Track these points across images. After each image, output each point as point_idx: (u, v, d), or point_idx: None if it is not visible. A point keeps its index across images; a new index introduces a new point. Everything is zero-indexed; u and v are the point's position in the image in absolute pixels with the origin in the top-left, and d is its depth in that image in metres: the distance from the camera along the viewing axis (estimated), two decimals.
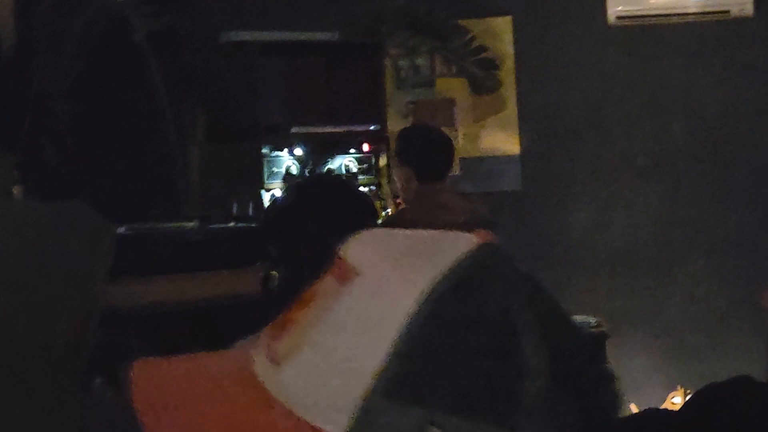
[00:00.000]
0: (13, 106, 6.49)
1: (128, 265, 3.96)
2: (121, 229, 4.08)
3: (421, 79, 6.70)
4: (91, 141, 6.38)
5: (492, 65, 6.33)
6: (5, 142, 6.46)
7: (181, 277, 4.03)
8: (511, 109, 6.59)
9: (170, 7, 5.78)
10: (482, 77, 6.30)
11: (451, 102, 6.66)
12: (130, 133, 6.28)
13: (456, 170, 6.59)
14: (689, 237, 6.38)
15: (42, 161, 6.47)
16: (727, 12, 6.18)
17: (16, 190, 6.43)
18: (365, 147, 4.66)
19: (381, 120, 4.75)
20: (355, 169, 4.61)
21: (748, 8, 6.14)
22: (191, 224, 4.28)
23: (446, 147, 4.43)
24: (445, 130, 6.61)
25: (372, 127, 4.69)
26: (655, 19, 6.28)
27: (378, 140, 4.69)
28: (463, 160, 6.59)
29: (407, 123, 6.66)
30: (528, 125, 6.55)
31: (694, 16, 6.24)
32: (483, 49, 6.29)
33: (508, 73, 6.51)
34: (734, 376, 2.58)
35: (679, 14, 6.24)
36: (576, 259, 6.45)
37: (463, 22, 6.28)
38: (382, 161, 4.67)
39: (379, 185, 4.67)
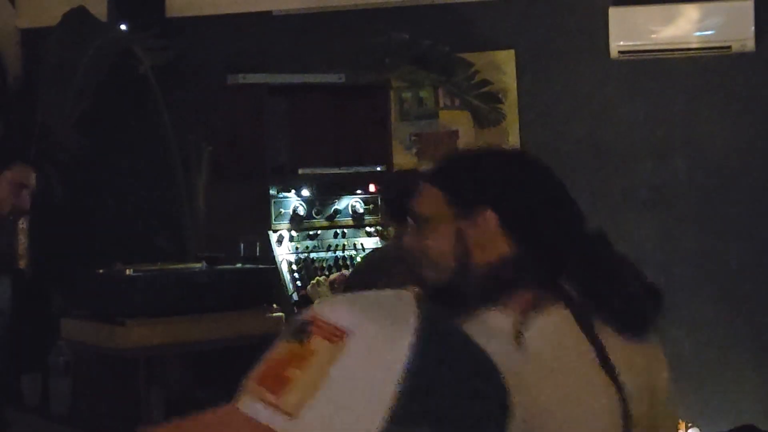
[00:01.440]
0: (19, 136, 6.52)
1: (135, 307, 4.00)
2: (129, 271, 4.12)
3: (424, 111, 6.75)
4: (97, 174, 6.42)
5: (495, 98, 6.37)
6: None
7: (187, 319, 4.06)
8: (514, 141, 6.62)
9: (178, 46, 5.83)
10: (485, 110, 6.33)
11: (454, 134, 6.70)
12: (137, 168, 6.32)
13: None
14: (691, 270, 6.41)
15: (48, 192, 6.50)
16: (729, 48, 6.22)
17: (21, 220, 6.48)
18: (371, 188, 4.69)
19: (387, 161, 4.79)
20: (361, 210, 4.64)
21: (750, 44, 6.18)
22: (198, 265, 4.31)
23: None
24: None
25: (378, 168, 4.72)
26: (657, 53, 6.32)
27: (384, 180, 4.73)
28: None
29: (410, 154, 6.71)
30: None
31: (695, 52, 6.28)
32: (486, 82, 6.33)
33: (510, 106, 6.55)
34: (740, 425, 2.62)
35: (681, 49, 6.29)
36: None
37: (466, 56, 6.31)
38: None
39: (385, 225, 4.70)
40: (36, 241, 6.39)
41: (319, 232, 4.55)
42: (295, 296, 4.39)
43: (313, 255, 4.52)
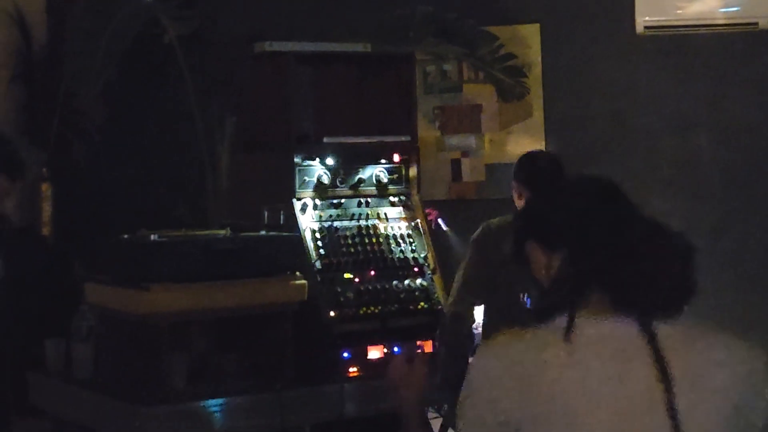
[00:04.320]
0: (44, 104, 6.54)
1: (159, 273, 4.01)
2: (154, 236, 4.12)
3: (448, 84, 6.74)
4: (120, 142, 6.43)
5: (519, 72, 6.34)
6: (35, 139, 6.52)
7: (211, 285, 4.07)
8: (538, 116, 6.63)
9: (204, 15, 5.82)
10: (510, 84, 6.31)
11: (477, 108, 6.70)
12: (160, 137, 6.34)
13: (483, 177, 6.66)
14: (714, 246, 6.40)
15: (71, 160, 6.53)
16: (756, 24, 6.18)
17: (45, 188, 6.51)
18: (396, 157, 4.68)
19: (412, 131, 4.77)
20: (385, 180, 4.63)
21: None
22: (222, 232, 4.31)
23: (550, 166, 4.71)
24: (471, 135, 6.67)
25: (403, 138, 4.71)
26: (682, 29, 6.29)
27: (409, 150, 4.71)
28: (488, 166, 6.63)
29: (434, 128, 6.70)
30: (554, 132, 6.58)
31: (722, 28, 6.25)
32: (511, 56, 6.30)
33: (535, 81, 6.54)
34: None
35: (707, 25, 6.25)
36: None
37: (491, 30, 6.29)
38: (413, 172, 4.69)
39: (409, 195, 4.69)
40: (60, 208, 6.41)
41: (342, 201, 4.54)
42: (318, 264, 4.39)
43: (336, 224, 4.51)
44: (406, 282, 4.52)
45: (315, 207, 4.48)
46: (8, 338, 4.69)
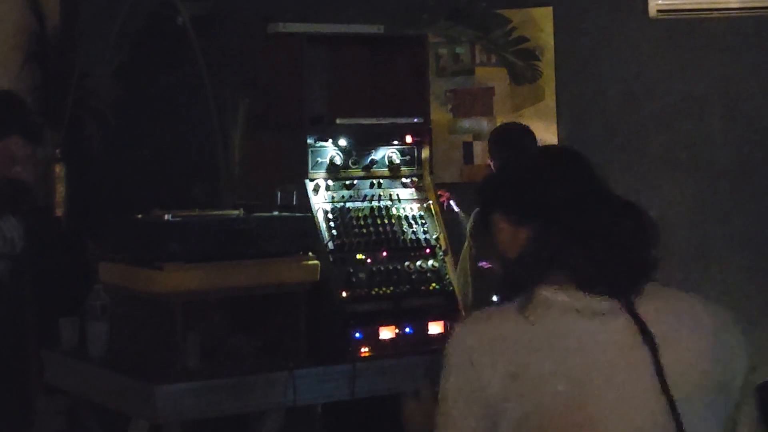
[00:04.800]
0: (57, 85, 6.55)
1: (173, 252, 4.03)
2: (167, 216, 4.14)
3: (460, 67, 6.75)
4: (133, 123, 6.45)
5: (532, 56, 6.34)
6: (48, 121, 6.54)
7: (225, 265, 4.10)
8: (550, 99, 6.63)
9: None
10: (522, 67, 6.31)
11: (490, 91, 6.70)
12: (173, 118, 6.35)
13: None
14: (725, 231, 6.40)
15: (85, 141, 6.54)
16: None
17: (58, 169, 6.52)
18: (408, 139, 4.69)
19: (424, 112, 4.78)
20: (397, 161, 4.65)
21: None
22: (236, 212, 4.34)
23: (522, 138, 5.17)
24: (483, 118, 6.68)
25: (415, 120, 4.72)
26: (695, 13, 6.29)
27: (421, 132, 4.72)
28: None
29: (446, 110, 6.71)
30: (566, 116, 6.58)
31: (735, 11, 6.25)
32: (523, 39, 6.30)
33: (547, 64, 6.54)
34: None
35: (720, 9, 6.25)
36: None
37: (503, 12, 6.29)
38: (425, 153, 4.71)
39: (421, 177, 4.71)
40: (73, 189, 6.43)
41: (355, 181, 4.56)
42: (330, 245, 4.41)
43: (348, 204, 4.53)
44: (418, 263, 4.54)
45: (327, 188, 4.50)
46: (25, 318, 4.73)
